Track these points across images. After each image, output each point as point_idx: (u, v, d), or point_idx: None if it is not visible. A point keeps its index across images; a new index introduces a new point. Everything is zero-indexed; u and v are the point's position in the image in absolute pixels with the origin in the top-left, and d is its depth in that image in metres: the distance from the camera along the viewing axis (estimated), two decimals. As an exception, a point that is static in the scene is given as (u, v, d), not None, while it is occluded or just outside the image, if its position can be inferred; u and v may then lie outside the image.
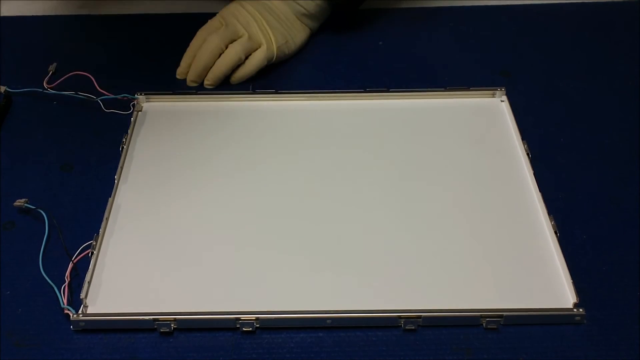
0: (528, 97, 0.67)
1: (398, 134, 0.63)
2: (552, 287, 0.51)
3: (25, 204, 0.57)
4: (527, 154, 0.60)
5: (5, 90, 0.68)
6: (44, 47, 0.74)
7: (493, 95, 0.67)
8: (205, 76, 0.67)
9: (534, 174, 0.59)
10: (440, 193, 0.58)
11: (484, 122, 0.65)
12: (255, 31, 0.67)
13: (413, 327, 0.49)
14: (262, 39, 0.67)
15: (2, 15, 0.78)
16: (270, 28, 0.67)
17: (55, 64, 0.69)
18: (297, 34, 0.71)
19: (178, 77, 0.68)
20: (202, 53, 0.66)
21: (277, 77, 0.69)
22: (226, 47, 0.66)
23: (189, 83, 0.68)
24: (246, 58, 0.67)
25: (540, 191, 0.57)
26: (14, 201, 0.57)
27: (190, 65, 0.67)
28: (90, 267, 0.52)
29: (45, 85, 0.68)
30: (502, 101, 0.67)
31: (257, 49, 0.67)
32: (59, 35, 0.71)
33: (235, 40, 0.66)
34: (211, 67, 0.67)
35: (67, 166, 0.62)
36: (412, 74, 0.70)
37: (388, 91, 0.67)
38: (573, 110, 0.67)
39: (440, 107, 0.66)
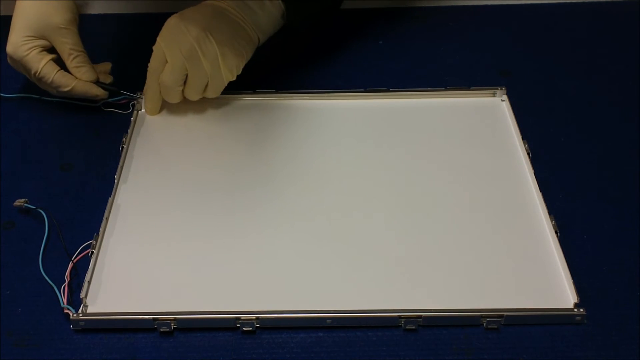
0: (528, 96, 0.67)
1: (398, 133, 0.63)
2: (553, 287, 0.51)
3: (25, 204, 0.57)
4: (528, 154, 0.60)
5: None
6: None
7: (494, 95, 0.67)
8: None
9: (534, 173, 0.59)
10: (441, 193, 0.58)
11: (485, 122, 0.65)
12: (198, 65, 0.60)
13: (413, 327, 0.49)
14: (209, 69, 0.60)
15: (1, 14, 0.78)
16: (220, 51, 0.60)
17: None
18: (248, 46, 0.63)
19: (150, 114, 0.65)
20: (167, 96, 0.63)
21: (278, 76, 0.69)
22: (183, 82, 0.61)
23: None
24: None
25: (540, 191, 0.57)
26: (14, 201, 0.57)
27: (158, 102, 0.64)
28: (90, 266, 0.52)
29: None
30: (502, 100, 0.67)
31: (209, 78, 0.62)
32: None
33: (187, 75, 0.61)
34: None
35: (67, 166, 0.62)
36: (412, 74, 0.70)
37: (388, 91, 0.67)
38: (573, 110, 0.67)
39: (440, 106, 0.66)
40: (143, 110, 0.66)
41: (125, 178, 0.59)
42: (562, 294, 0.51)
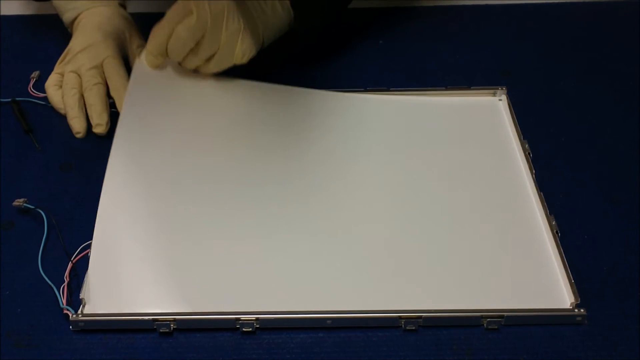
0: (528, 96, 0.67)
1: (398, 133, 0.63)
2: (553, 288, 0.51)
3: (25, 204, 0.57)
4: (528, 154, 0.60)
5: None
6: (39, 47, 0.74)
7: (494, 95, 0.67)
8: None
9: (534, 173, 0.59)
10: (441, 193, 0.58)
11: (485, 122, 0.64)
12: (218, 30, 0.59)
13: (413, 328, 0.49)
14: (224, 40, 0.60)
15: (1, 14, 0.78)
16: (242, 30, 0.60)
17: (38, 72, 0.69)
18: (258, 43, 0.63)
19: (149, 63, 0.64)
20: (172, 50, 0.61)
21: (278, 76, 0.69)
22: (195, 43, 0.60)
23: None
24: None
25: (540, 191, 0.57)
26: (14, 201, 0.57)
27: (162, 52, 0.62)
28: (90, 267, 0.52)
29: (30, 90, 0.68)
30: (502, 100, 0.66)
31: (217, 51, 0.61)
32: (59, 35, 0.71)
33: (202, 37, 0.60)
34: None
35: (67, 166, 0.61)
36: (412, 74, 0.70)
37: (388, 91, 0.67)
38: (573, 110, 0.67)
39: (440, 106, 0.66)
40: (142, 57, 0.65)
41: (125, 177, 0.59)
42: (562, 294, 0.51)
